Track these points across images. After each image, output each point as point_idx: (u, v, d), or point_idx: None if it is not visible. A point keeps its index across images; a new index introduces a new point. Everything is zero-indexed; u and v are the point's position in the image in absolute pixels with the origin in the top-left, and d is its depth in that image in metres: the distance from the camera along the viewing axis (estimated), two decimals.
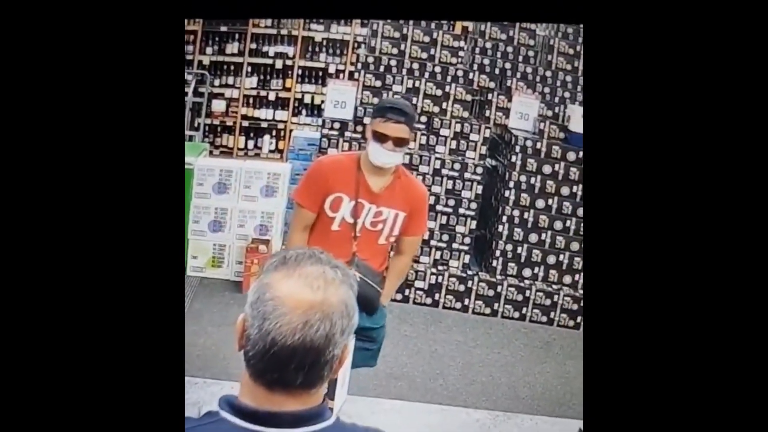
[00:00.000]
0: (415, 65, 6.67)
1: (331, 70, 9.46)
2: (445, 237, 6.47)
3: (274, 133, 9.59)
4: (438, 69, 6.67)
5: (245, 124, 9.51)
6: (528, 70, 7.24)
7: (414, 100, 6.47)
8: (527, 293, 6.39)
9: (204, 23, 9.08)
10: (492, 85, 7.10)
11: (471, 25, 7.47)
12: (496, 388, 5.29)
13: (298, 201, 3.63)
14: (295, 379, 1.39)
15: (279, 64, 9.40)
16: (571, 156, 6.34)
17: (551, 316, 6.39)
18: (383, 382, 5.02)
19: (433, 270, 6.40)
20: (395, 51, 6.71)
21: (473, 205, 6.45)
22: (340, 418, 1.48)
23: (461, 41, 6.84)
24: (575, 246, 6.42)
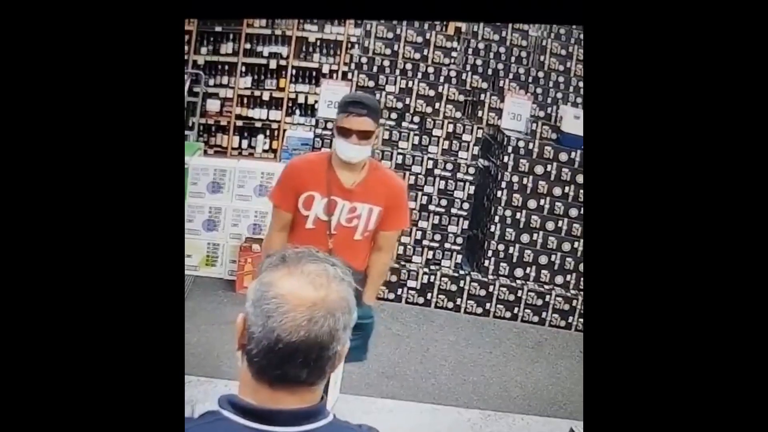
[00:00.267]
0: (408, 66, 6.68)
1: (325, 70, 9.47)
2: (438, 237, 6.48)
3: (267, 133, 9.60)
4: (431, 69, 6.68)
5: (239, 123, 9.51)
6: (520, 70, 7.26)
7: (407, 100, 6.50)
8: (519, 293, 6.40)
9: (198, 23, 9.07)
10: (485, 86, 7.12)
11: (464, 26, 7.48)
12: (487, 387, 5.30)
13: (273, 201, 3.72)
14: (299, 376, 1.41)
15: (273, 64, 9.40)
16: (563, 157, 6.36)
17: (543, 316, 6.41)
18: (375, 381, 5.03)
19: (426, 270, 6.41)
20: (388, 51, 6.72)
21: (465, 205, 6.47)
22: (335, 415, 1.50)
23: (454, 42, 6.86)
24: (567, 246, 6.44)
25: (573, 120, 6.30)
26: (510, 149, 6.40)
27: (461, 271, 6.49)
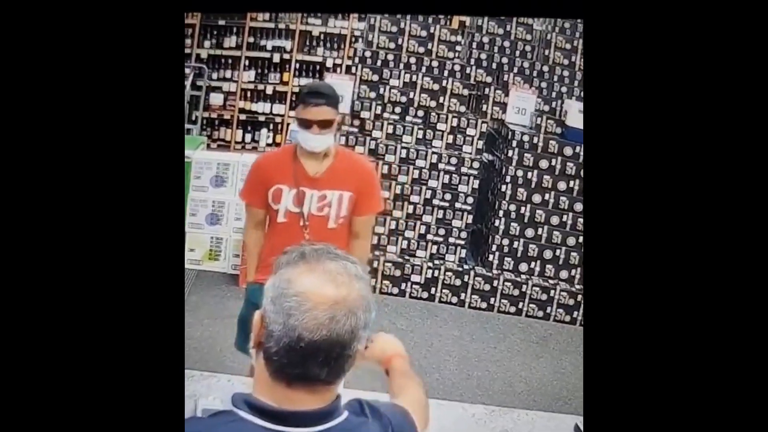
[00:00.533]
0: (412, 60, 6.67)
1: (329, 64, 9.43)
2: (442, 231, 6.47)
3: (271, 127, 9.56)
4: (435, 63, 6.67)
5: (243, 117, 9.47)
6: (525, 64, 7.23)
7: (411, 94, 6.48)
8: (524, 288, 6.38)
9: (202, 17, 9.04)
10: (489, 80, 7.10)
11: (468, 20, 7.45)
12: (492, 382, 5.29)
13: (244, 200, 3.75)
14: (319, 374, 1.40)
15: (276, 57, 9.35)
16: (568, 151, 6.34)
17: (548, 311, 6.39)
18: (379, 376, 5.00)
19: (430, 264, 6.39)
20: (392, 45, 6.70)
21: (470, 200, 6.45)
22: (349, 412, 1.50)
23: (458, 36, 6.84)
24: (572, 241, 6.42)
25: (578, 114, 6.28)
26: (514, 143, 6.39)
27: (465, 266, 6.47)
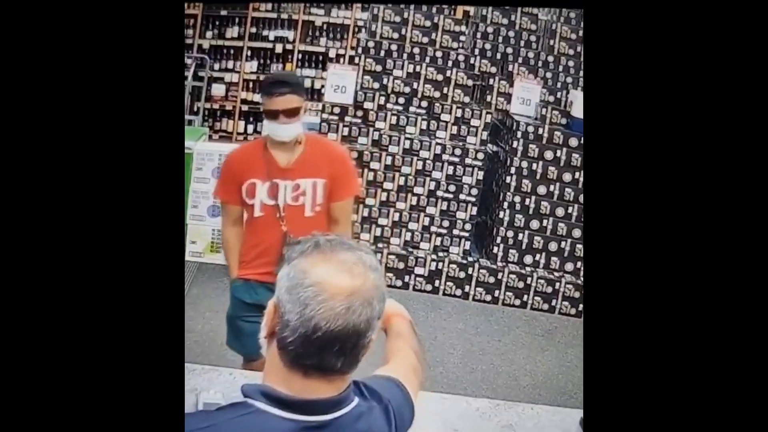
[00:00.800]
0: (416, 50, 6.62)
1: (332, 54, 9.39)
2: (446, 223, 6.44)
3: None
4: (439, 54, 6.62)
5: (245, 108, 9.45)
6: (530, 55, 7.19)
7: (414, 85, 6.45)
8: (528, 280, 6.35)
9: (204, 7, 9.01)
10: (493, 70, 7.08)
11: (472, 10, 7.42)
12: (496, 376, 5.26)
13: (218, 197, 3.74)
14: (335, 364, 1.42)
15: (279, 48, 9.33)
16: (573, 142, 6.29)
17: (553, 303, 6.36)
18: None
19: (434, 256, 6.36)
20: (396, 35, 6.65)
21: (474, 191, 6.43)
22: (358, 398, 1.52)
23: (462, 26, 6.79)
24: (577, 233, 6.38)
25: (583, 105, 6.23)
26: (519, 134, 6.36)
27: (470, 258, 6.45)
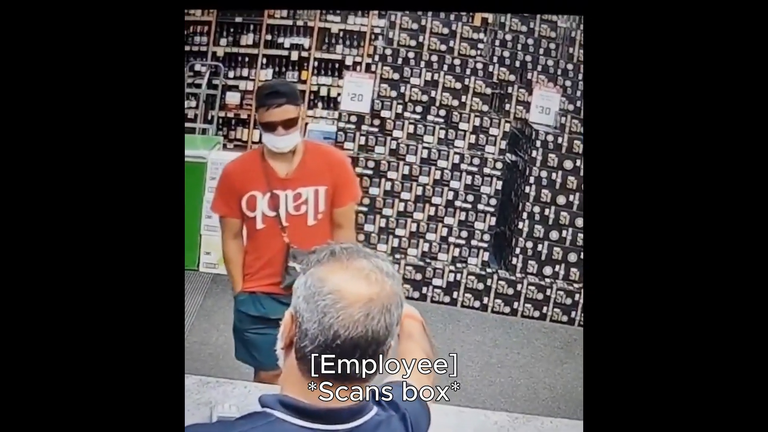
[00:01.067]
0: (434, 57, 6.57)
1: (348, 62, 9.38)
2: (464, 234, 6.39)
3: None
4: (457, 61, 6.57)
5: None
6: (549, 62, 7.12)
7: (432, 93, 6.41)
8: (548, 292, 6.29)
9: (218, 14, 9.01)
10: (512, 78, 7.01)
11: (491, 17, 7.38)
12: (515, 389, 5.21)
13: (217, 212, 3.68)
14: (355, 372, 1.42)
15: (294, 55, 9.32)
16: None
17: (572, 315, 6.29)
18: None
19: (452, 267, 6.31)
20: (413, 43, 6.61)
21: (493, 201, 6.37)
22: (376, 406, 1.52)
23: (481, 33, 6.74)
24: None
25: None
26: (538, 143, 6.30)
27: (488, 269, 6.39)
